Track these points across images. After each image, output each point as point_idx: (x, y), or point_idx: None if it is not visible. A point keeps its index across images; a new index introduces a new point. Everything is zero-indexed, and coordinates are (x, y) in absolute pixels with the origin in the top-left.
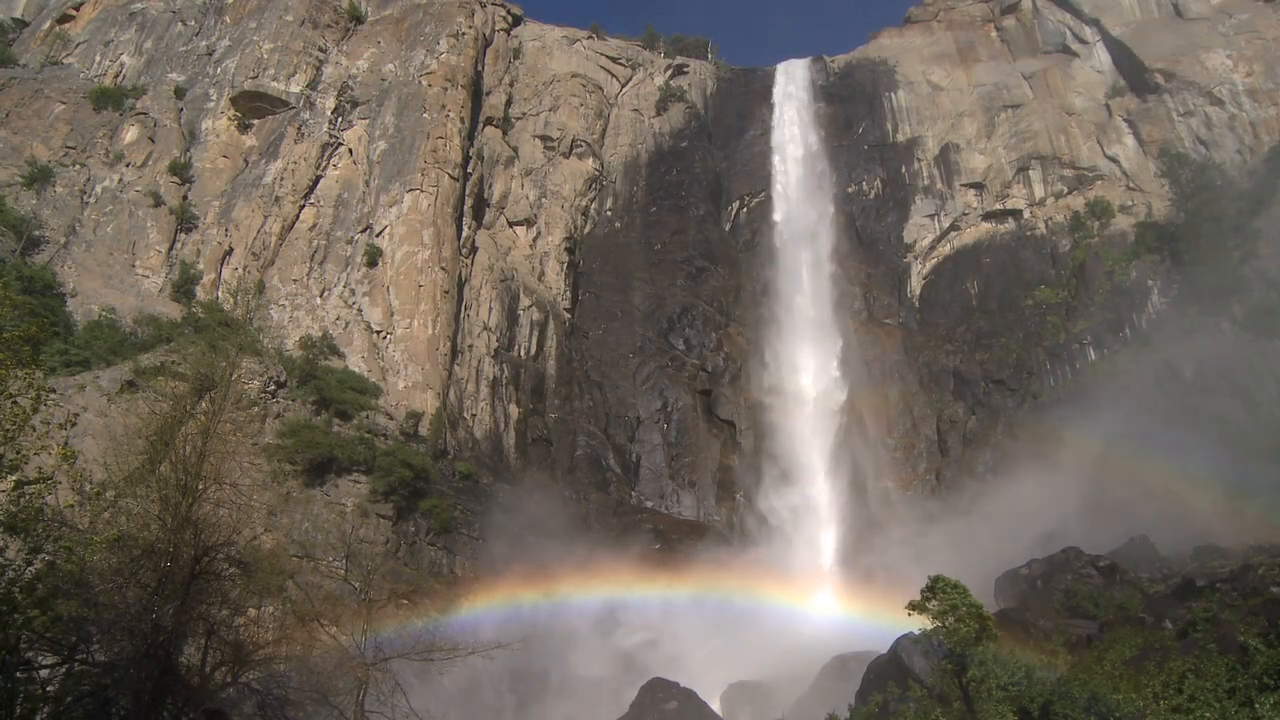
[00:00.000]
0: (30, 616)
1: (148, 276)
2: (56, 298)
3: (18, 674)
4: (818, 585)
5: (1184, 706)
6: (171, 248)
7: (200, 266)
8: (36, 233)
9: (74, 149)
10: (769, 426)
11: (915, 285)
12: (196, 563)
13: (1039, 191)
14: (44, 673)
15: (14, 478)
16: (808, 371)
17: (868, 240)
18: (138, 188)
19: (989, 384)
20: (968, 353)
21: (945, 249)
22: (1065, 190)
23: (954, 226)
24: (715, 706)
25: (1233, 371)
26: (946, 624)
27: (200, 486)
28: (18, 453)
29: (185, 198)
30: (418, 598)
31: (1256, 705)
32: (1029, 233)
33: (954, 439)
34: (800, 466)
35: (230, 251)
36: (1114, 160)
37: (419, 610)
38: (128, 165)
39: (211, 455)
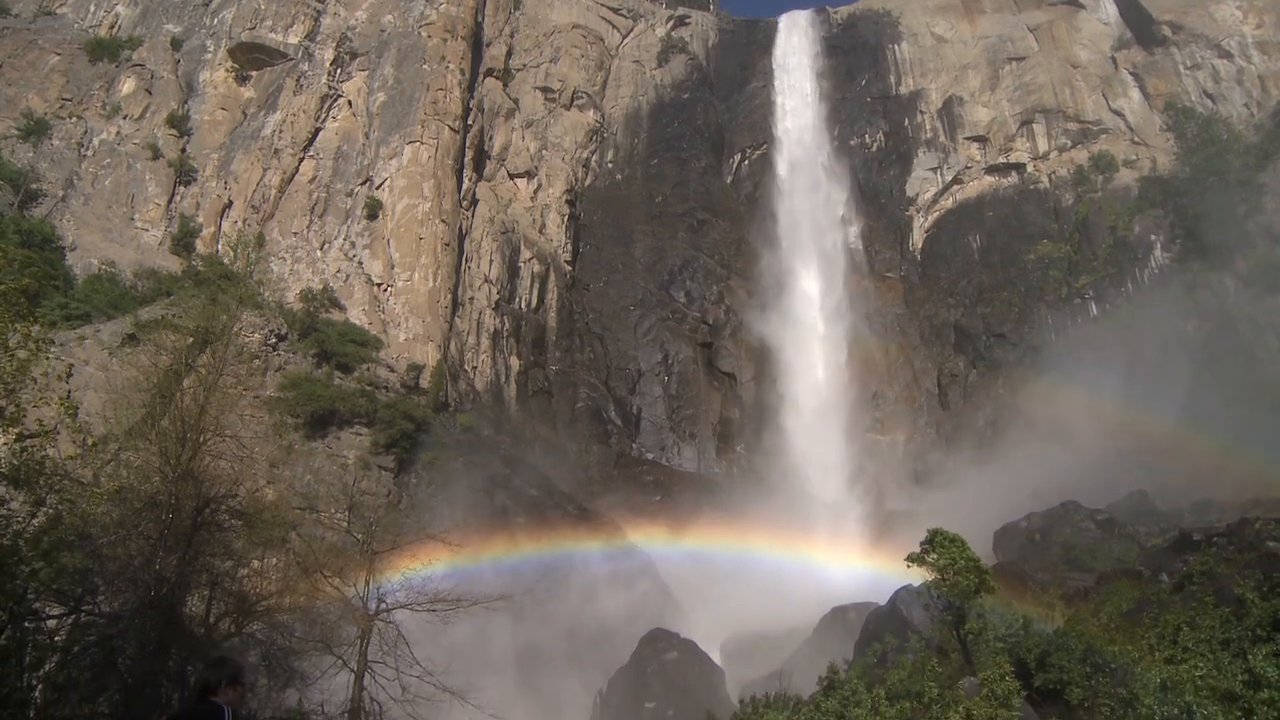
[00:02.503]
0: (36, 568)
1: (147, 230)
2: (56, 251)
3: (26, 624)
4: (817, 538)
5: (1178, 658)
6: (170, 201)
7: (200, 220)
8: (34, 186)
9: (70, 101)
10: (770, 379)
11: (917, 239)
12: (199, 515)
13: (1042, 145)
14: (51, 623)
15: (15, 431)
16: (809, 325)
17: (870, 193)
18: (135, 140)
19: (990, 337)
20: (969, 306)
21: (948, 202)
22: (1069, 144)
23: (957, 180)
24: (715, 657)
25: (1234, 327)
26: (945, 577)
27: (201, 439)
28: (17, 406)
29: (184, 150)
30: (420, 549)
31: (1249, 656)
32: (1032, 186)
33: (955, 392)
34: (801, 420)
35: (230, 204)
36: (1119, 114)
37: (421, 561)
38: (125, 118)
39: (212, 408)
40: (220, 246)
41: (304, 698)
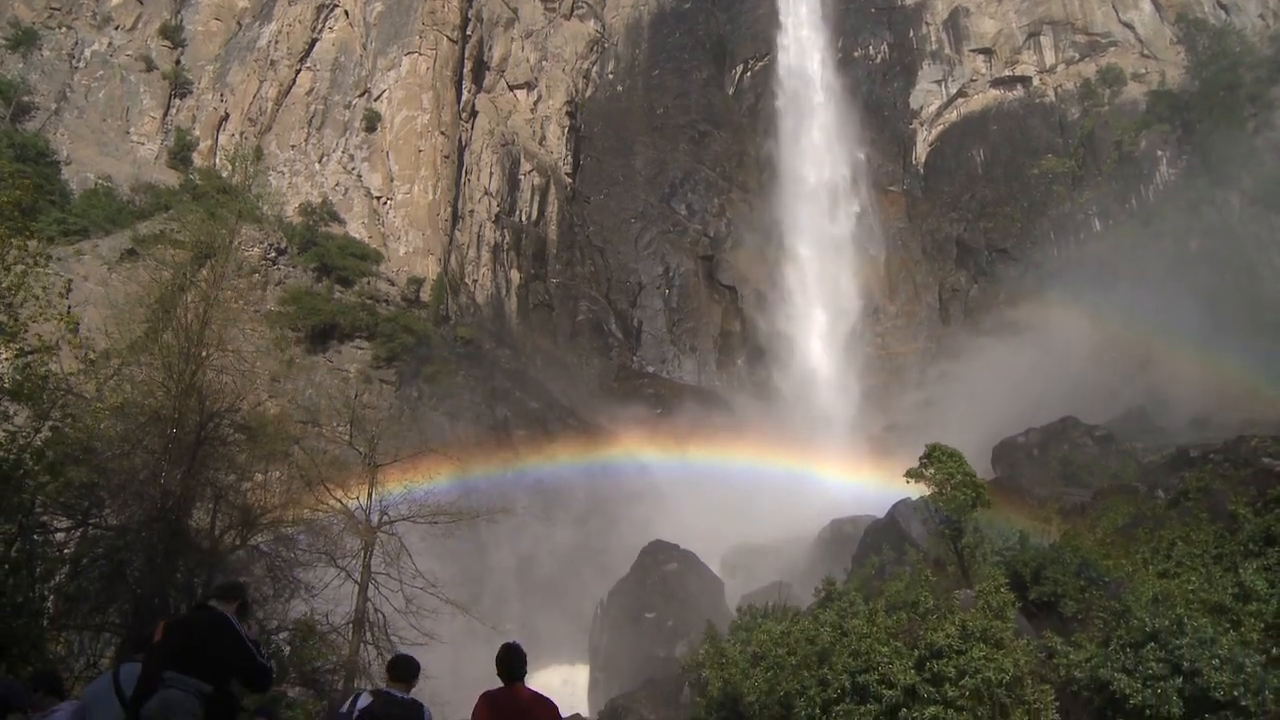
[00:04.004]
0: (42, 482)
1: (143, 143)
2: (51, 165)
3: (34, 537)
4: (817, 450)
5: (1171, 571)
6: (166, 114)
7: (196, 133)
8: (26, 99)
9: (59, 10)
10: (770, 292)
11: (920, 152)
12: (202, 429)
13: (1049, 58)
14: (59, 536)
15: (16, 346)
16: (809, 237)
17: (873, 106)
18: (128, 52)
19: (992, 253)
20: (972, 221)
21: (952, 116)
22: (1077, 57)
23: (961, 93)
24: (715, 568)
25: (1238, 245)
26: (943, 491)
27: (203, 354)
28: (17, 321)
29: (178, 62)
30: (422, 462)
31: (1240, 570)
32: (1038, 100)
33: (956, 307)
34: (801, 332)
35: (226, 117)
36: (1129, 26)
37: (423, 474)
38: (116, 28)
39: (214, 323)
40: (218, 160)
41: (309, 608)
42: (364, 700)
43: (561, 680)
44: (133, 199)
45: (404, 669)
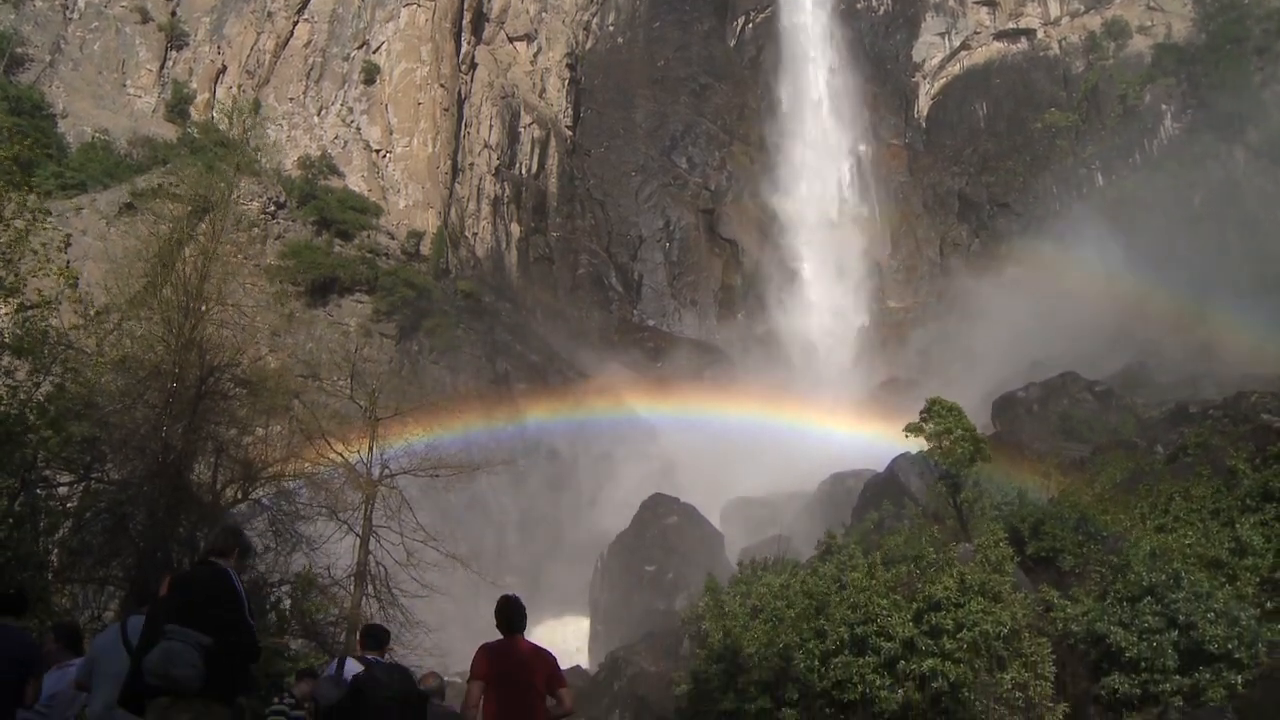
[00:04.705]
0: (44, 436)
1: (140, 96)
2: (47, 119)
3: (37, 491)
4: (817, 404)
5: (1169, 526)
6: (163, 66)
7: (193, 86)
8: (19, 50)
9: None
10: (771, 246)
11: (923, 105)
12: (202, 383)
13: (1054, 10)
14: (62, 490)
15: (16, 301)
16: (810, 190)
17: (875, 58)
18: (123, 3)
19: (994, 207)
20: (974, 175)
21: (954, 69)
22: (1082, 9)
23: (964, 45)
24: (715, 522)
25: (1242, 200)
26: (942, 445)
27: (203, 308)
28: (17, 276)
29: (174, 14)
30: (422, 416)
31: (1238, 525)
32: (1042, 53)
33: (957, 261)
34: (801, 285)
35: (224, 70)
36: None
37: (424, 428)
38: None
39: (213, 277)
40: (215, 113)
41: (311, 561)
42: (353, 666)
43: (562, 632)
44: (130, 153)
45: (377, 637)
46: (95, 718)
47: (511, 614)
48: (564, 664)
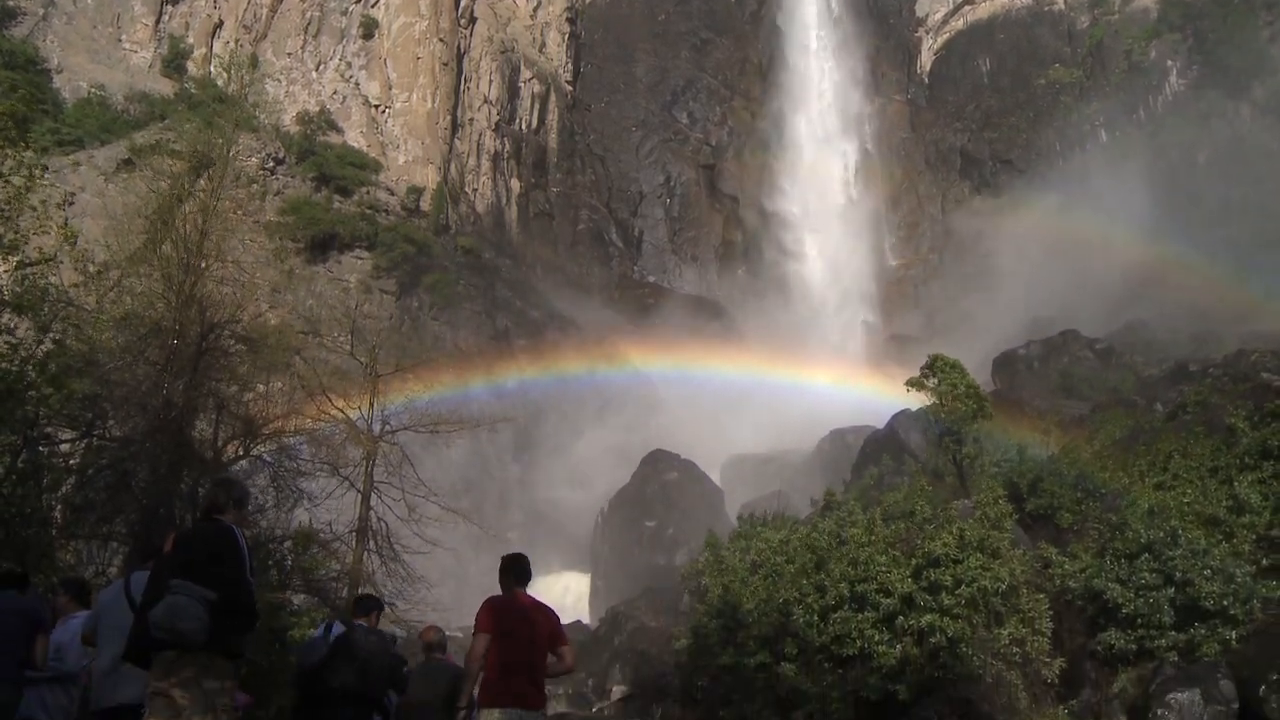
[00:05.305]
0: (45, 394)
1: (136, 51)
2: (41, 74)
3: (40, 448)
4: (818, 361)
5: (1167, 484)
6: (159, 20)
7: (190, 40)
8: (11, 4)
9: None
10: (772, 201)
11: (925, 60)
12: (203, 340)
13: None
14: (64, 447)
15: (15, 259)
16: (811, 146)
17: (878, 13)
18: None
19: (997, 164)
20: (976, 131)
21: (958, 24)
22: None
23: (968, 0)
24: (715, 478)
25: (1246, 157)
26: (943, 402)
27: (203, 265)
28: (16, 233)
29: None
30: (423, 372)
31: (1236, 483)
32: (1046, 8)
33: (959, 218)
34: (802, 241)
35: (220, 24)
36: None
37: (425, 384)
38: None
39: (213, 233)
40: (213, 68)
41: (312, 517)
42: (338, 629)
43: (563, 588)
44: (127, 108)
45: (366, 605)
46: (102, 671)
47: (516, 569)
48: (564, 619)
